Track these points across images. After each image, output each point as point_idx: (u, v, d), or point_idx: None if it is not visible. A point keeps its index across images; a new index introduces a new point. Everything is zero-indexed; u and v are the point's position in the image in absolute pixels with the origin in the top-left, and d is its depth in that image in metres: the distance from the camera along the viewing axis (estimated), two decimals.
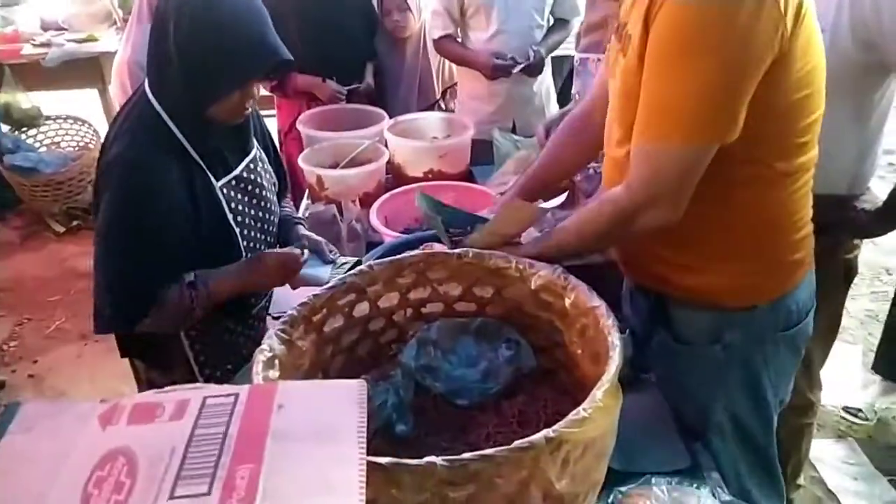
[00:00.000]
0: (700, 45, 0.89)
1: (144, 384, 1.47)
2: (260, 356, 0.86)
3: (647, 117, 0.96)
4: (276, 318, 1.46)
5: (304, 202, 1.96)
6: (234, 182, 1.34)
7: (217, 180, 1.30)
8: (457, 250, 1.09)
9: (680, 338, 1.17)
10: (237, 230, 1.34)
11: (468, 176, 2.11)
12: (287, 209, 1.60)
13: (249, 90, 1.27)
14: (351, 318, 1.06)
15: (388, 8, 2.41)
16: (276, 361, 0.88)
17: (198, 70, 1.18)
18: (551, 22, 2.40)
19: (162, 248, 1.24)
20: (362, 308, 1.07)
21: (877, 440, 2.24)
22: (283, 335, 0.93)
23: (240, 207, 1.35)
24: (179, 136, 1.24)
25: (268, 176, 1.46)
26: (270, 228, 1.47)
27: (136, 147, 1.21)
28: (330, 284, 1.03)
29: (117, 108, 1.92)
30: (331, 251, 1.51)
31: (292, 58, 1.25)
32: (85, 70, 3.80)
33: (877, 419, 2.30)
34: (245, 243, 1.37)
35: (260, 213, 1.41)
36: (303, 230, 1.54)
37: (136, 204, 1.21)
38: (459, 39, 2.42)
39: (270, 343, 0.90)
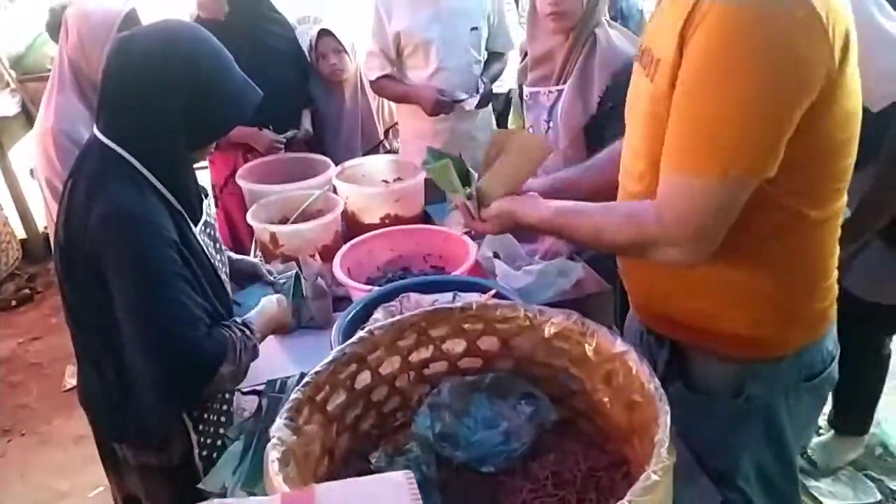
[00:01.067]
0: (741, 64, 0.81)
1: (134, 471, 1.30)
2: (273, 452, 0.77)
3: (681, 143, 0.89)
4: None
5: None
6: (203, 227, 1.28)
7: (195, 226, 1.23)
8: (459, 303, 1.03)
9: (698, 388, 1.10)
10: (220, 275, 1.28)
11: (425, 217, 2.05)
12: None
13: None
14: (353, 392, 0.97)
15: (322, 52, 2.35)
16: (291, 456, 0.78)
17: (187, 118, 1.13)
18: (486, 56, 2.41)
19: (195, 291, 1.15)
20: (364, 378, 0.99)
21: None
22: (290, 423, 0.83)
23: (211, 252, 1.28)
24: (158, 184, 1.16)
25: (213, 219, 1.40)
26: (228, 273, 1.40)
27: (126, 200, 1.11)
28: (330, 357, 0.94)
29: (42, 182, 1.76)
30: (268, 271, 1.55)
31: (261, 93, 1.23)
32: None
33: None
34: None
35: (221, 258, 1.35)
36: (231, 254, 1.52)
37: (150, 257, 1.10)
38: (397, 78, 2.39)
39: (280, 435, 0.80)
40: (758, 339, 1.04)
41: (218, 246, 1.34)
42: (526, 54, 1.94)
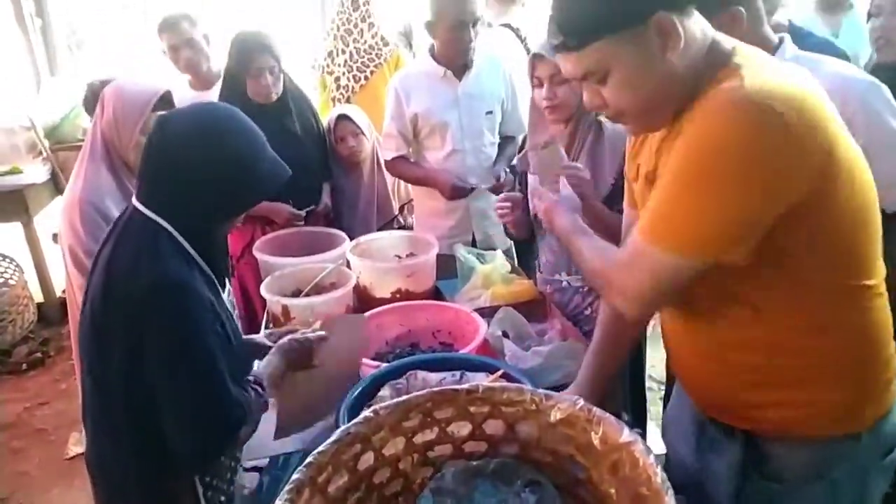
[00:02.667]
0: (713, 169, 0.91)
1: None
2: None
3: (648, 216, 1.00)
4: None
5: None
6: (227, 295, 1.35)
7: (223, 291, 1.30)
8: (465, 385, 1.02)
9: (777, 477, 1.08)
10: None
11: (435, 293, 2.07)
12: None
13: None
14: (356, 473, 0.96)
15: (341, 135, 2.44)
16: None
17: (226, 190, 1.21)
18: (499, 139, 2.49)
19: (228, 360, 1.21)
20: (367, 459, 0.97)
21: None
22: None
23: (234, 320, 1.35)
24: (193, 253, 1.23)
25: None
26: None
27: (170, 270, 1.17)
28: (334, 437, 0.94)
29: (65, 250, 1.81)
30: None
31: (289, 170, 1.31)
32: (8, 203, 3.60)
33: None
34: None
35: (235, 325, 1.38)
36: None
37: (197, 325, 1.17)
38: (413, 159, 2.47)
39: None
40: (837, 416, 1.04)
41: (235, 312, 1.41)
42: (524, 142, 2.00)
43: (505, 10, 3.23)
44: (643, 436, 1.15)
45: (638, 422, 1.93)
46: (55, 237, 2.87)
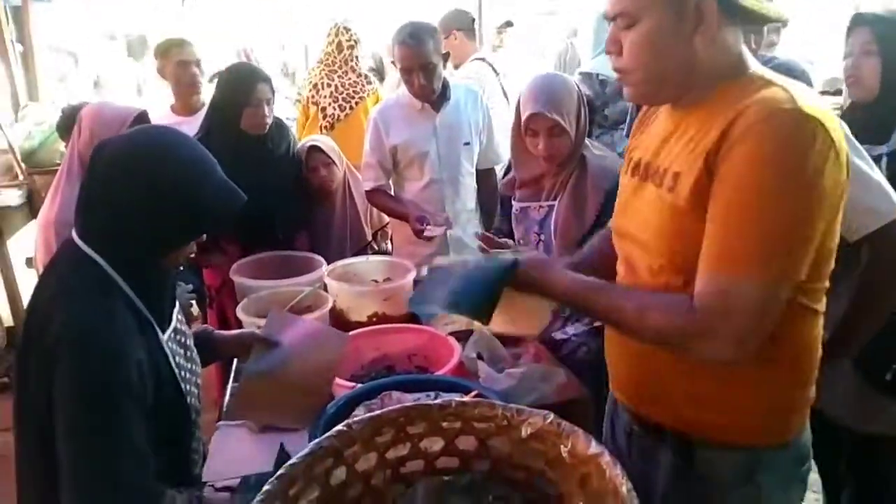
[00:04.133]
0: (777, 190, 0.92)
1: None
2: None
3: (727, 248, 0.95)
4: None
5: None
6: (173, 334, 1.24)
7: (163, 334, 1.19)
8: (438, 401, 1.04)
9: (704, 477, 1.11)
10: (183, 387, 1.22)
11: (412, 318, 2.08)
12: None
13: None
14: (327, 487, 0.96)
15: (313, 165, 2.47)
16: None
17: (164, 221, 1.12)
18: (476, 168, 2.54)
19: (150, 428, 1.09)
20: (339, 475, 0.98)
21: None
22: None
23: (181, 362, 1.24)
24: (127, 289, 1.13)
25: (185, 326, 1.35)
26: (199, 383, 1.33)
27: (90, 310, 1.08)
28: (306, 450, 0.94)
29: (38, 270, 1.80)
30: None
31: (245, 196, 1.22)
32: None
33: None
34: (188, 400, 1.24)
35: (192, 367, 1.30)
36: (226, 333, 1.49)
37: (106, 383, 1.05)
38: (392, 190, 2.52)
39: None
40: (769, 426, 1.08)
41: (189, 354, 1.29)
42: (510, 166, 2.06)
43: (473, 48, 3.47)
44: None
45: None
46: (29, 261, 2.84)
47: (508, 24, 4.24)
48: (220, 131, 2.22)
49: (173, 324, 1.25)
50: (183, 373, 1.24)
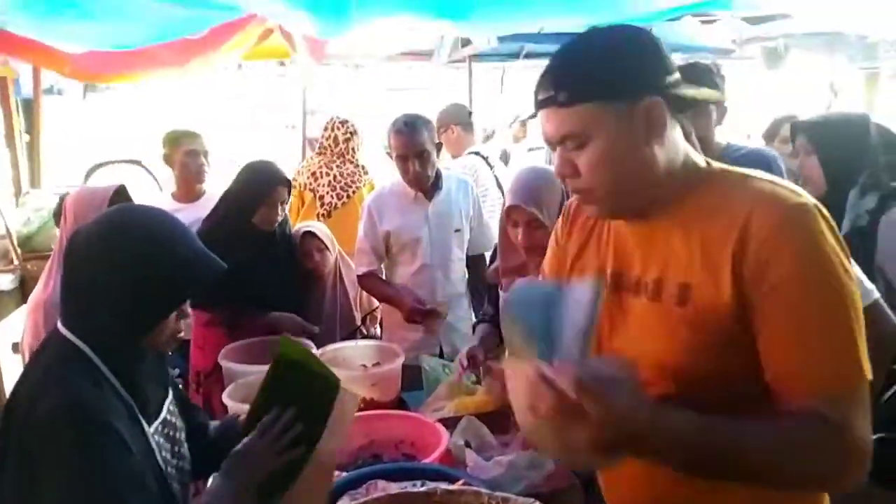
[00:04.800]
0: (837, 283, 0.88)
1: None
2: None
3: (827, 366, 0.87)
4: None
5: None
6: (160, 427, 1.21)
7: (149, 426, 1.17)
8: (423, 488, 1.02)
9: None
10: (169, 483, 1.17)
11: (400, 403, 2.06)
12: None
13: (184, 309, 1.20)
14: None
15: (307, 250, 2.52)
16: None
17: (131, 298, 1.11)
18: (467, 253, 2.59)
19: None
20: None
21: None
22: None
23: (167, 457, 1.20)
24: (111, 377, 1.12)
25: (180, 421, 1.31)
26: (186, 482, 1.28)
27: (75, 392, 1.06)
28: None
29: (25, 353, 1.79)
30: None
31: (224, 265, 1.20)
32: None
33: None
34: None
35: (179, 464, 1.25)
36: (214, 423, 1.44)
37: (100, 457, 1.03)
38: (385, 273, 2.55)
39: None
40: None
41: (177, 450, 1.25)
42: (495, 252, 2.11)
43: (471, 141, 3.63)
44: None
45: None
46: (15, 346, 2.82)
47: (533, 116, 4.44)
48: (232, 221, 2.29)
49: (162, 415, 1.22)
50: (169, 468, 1.20)
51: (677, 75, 0.97)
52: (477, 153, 3.53)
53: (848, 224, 1.81)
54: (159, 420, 1.21)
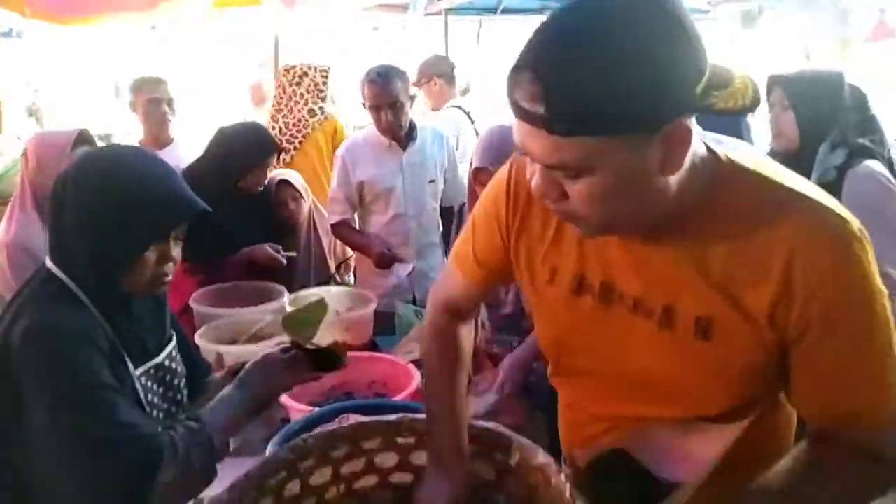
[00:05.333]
0: (875, 308, 0.80)
1: None
2: None
3: (869, 397, 0.82)
4: None
5: None
6: (153, 370, 1.21)
7: (136, 368, 1.17)
8: (392, 417, 1.06)
9: None
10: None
11: (373, 347, 2.10)
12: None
13: (167, 252, 1.18)
14: (281, 500, 0.97)
15: (282, 199, 2.50)
16: None
17: (105, 229, 1.11)
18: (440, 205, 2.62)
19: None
20: (293, 488, 0.99)
21: None
22: None
23: (154, 400, 1.21)
24: (96, 313, 1.13)
25: (182, 367, 1.32)
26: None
27: (53, 314, 1.08)
28: (261, 462, 0.95)
29: None
30: None
31: (209, 208, 1.20)
32: None
33: None
34: None
35: (171, 408, 1.26)
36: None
37: (79, 365, 1.04)
38: (357, 224, 2.56)
39: None
40: None
41: (171, 395, 1.25)
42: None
43: (453, 94, 3.58)
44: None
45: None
46: None
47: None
48: (215, 180, 2.21)
49: (159, 359, 1.23)
50: (155, 411, 1.20)
51: (708, 72, 0.73)
52: (459, 107, 3.51)
53: (815, 178, 1.86)
54: (153, 363, 1.21)
